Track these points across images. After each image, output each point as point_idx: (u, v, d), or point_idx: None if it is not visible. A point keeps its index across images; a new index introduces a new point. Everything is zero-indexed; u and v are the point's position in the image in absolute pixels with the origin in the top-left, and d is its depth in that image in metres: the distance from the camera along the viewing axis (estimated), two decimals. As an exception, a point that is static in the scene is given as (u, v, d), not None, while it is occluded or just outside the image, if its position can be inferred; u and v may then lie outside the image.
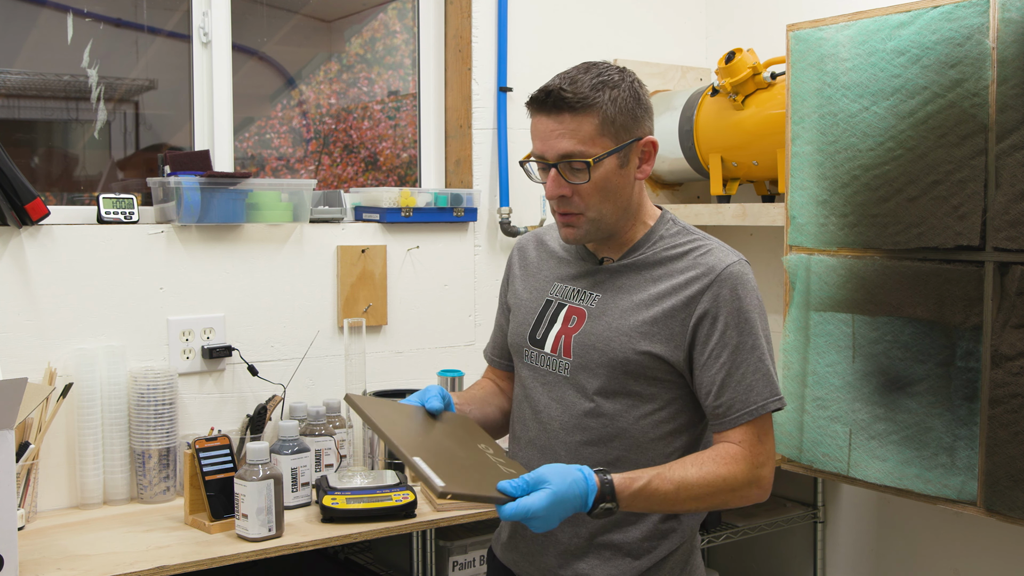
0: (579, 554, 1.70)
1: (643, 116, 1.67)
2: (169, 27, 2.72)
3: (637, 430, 1.67)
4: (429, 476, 1.47)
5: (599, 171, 1.64)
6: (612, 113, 1.62)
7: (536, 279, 1.82)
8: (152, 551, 2.01)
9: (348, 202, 2.81)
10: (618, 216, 1.69)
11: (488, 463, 1.59)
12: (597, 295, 1.71)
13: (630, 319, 1.66)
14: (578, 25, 3.16)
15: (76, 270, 2.36)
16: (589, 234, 1.69)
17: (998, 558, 2.64)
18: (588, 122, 1.62)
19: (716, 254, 1.67)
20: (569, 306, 1.74)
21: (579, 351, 1.69)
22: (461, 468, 1.55)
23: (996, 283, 2.19)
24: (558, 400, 1.72)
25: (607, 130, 1.63)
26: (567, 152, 1.63)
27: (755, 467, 1.62)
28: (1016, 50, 2.14)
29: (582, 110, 1.62)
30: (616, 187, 1.66)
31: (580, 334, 1.70)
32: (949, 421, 2.28)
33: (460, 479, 1.50)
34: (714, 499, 1.61)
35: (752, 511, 2.98)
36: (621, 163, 1.65)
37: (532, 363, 1.77)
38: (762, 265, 3.15)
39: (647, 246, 1.71)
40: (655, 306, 1.65)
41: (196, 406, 2.52)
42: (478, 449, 1.63)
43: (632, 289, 1.69)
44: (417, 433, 1.62)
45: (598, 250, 1.76)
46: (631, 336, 1.65)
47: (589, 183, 1.64)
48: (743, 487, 1.62)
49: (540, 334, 1.76)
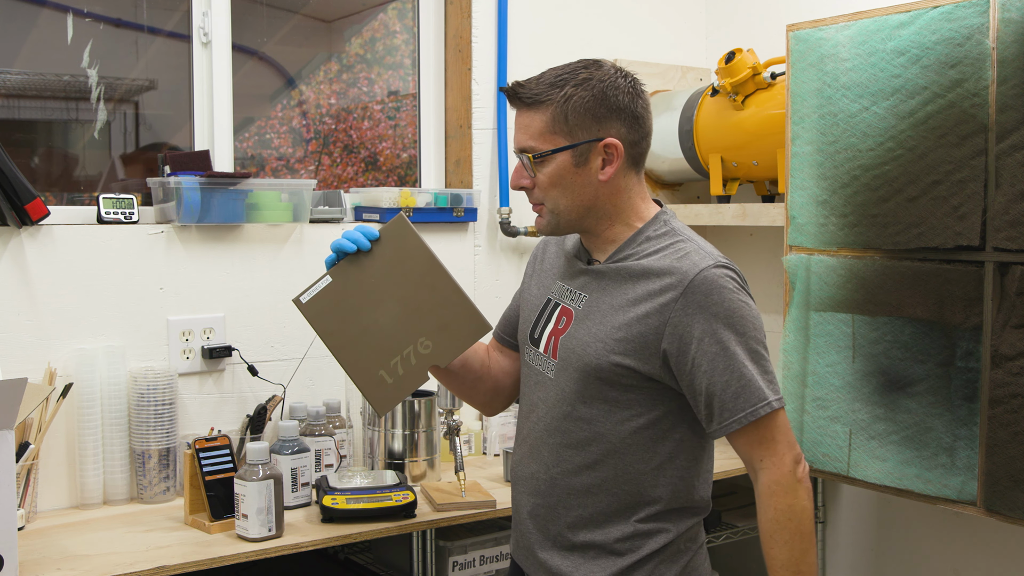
0: (564, 552, 1.72)
1: (608, 117, 1.65)
2: (169, 27, 2.72)
3: (615, 436, 1.67)
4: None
5: (550, 167, 1.65)
6: (565, 111, 1.63)
7: (546, 276, 1.84)
8: (152, 551, 2.01)
9: (348, 202, 2.81)
10: (580, 214, 1.69)
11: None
12: (584, 296, 1.72)
13: (607, 325, 1.66)
14: (578, 25, 3.16)
15: (76, 270, 2.36)
16: (551, 226, 1.71)
17: (998, 558, 2.64)
18: (539, 118, 1.66)
19: (691, 258, 1.64)
20: (562, 306, 1.75)
21: (563, 354, 1.70)
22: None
23: (996, 283, 2.19)
24: (543, 400, 1.74)
25: (558, 127, 1.64)
26: (521, 145, 1.69)
27: (788, 470, 1.62)
28: (1016, 50, 2.14)
29: (533, 106, 1.66)
30: (572, 185, 1.66)
31: (565, 337, 1.71)
32: (949, 421, 2.28)
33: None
34: (805, 540, 1.63)
35: (753, 511, 2.97)
36: (576, 162, 1.65)
37: (530, 361, 1.80)
38: (762, 265, 3.15)
39: (630, 248, 1.70)
40: (630, 311, 1.64)
41: (196, 406, 2.52)
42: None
43: (613, 292, 1.68)
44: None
45: (591, 250, 1.76)
46: (606, 343, 1.64)
47: (542, 176, 1.67)
48: (790, 494, 1.62)
49: (538, 333, 1.78)
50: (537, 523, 1.76)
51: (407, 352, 1.73)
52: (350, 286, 1.75)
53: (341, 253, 1.76)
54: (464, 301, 1.73)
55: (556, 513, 1.73)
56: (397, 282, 1.74)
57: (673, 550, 1.71)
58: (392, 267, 1.74)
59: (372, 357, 1.74)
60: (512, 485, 1.86)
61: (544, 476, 1.74)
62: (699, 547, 1.77)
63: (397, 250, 1.74)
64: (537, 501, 1.75)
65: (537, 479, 1.75)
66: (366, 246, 1.74)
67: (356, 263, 1.75)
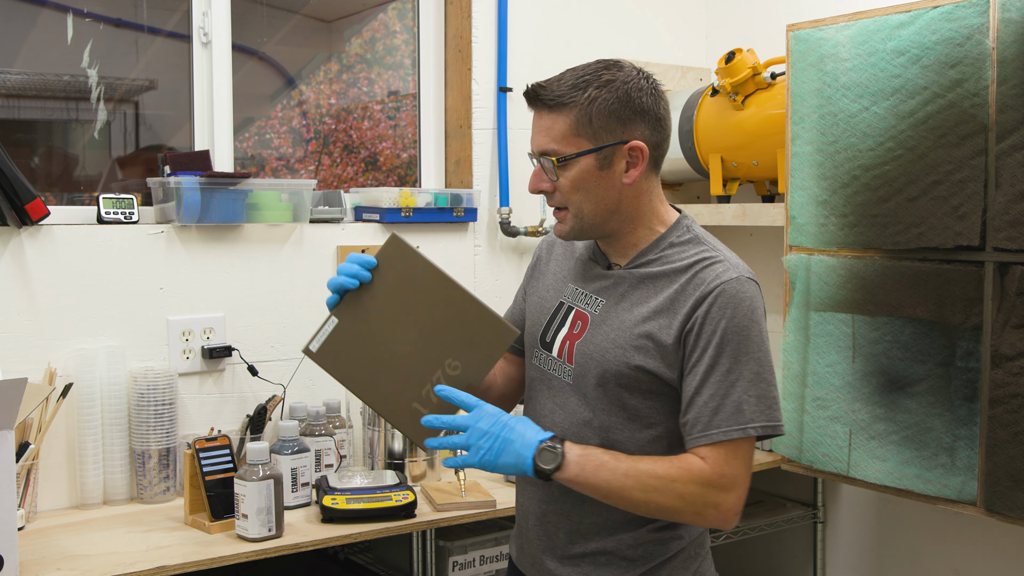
0: (574, 559, 1.69)
1: (632, 119, 1.62)
2: (169, 27, 2.72)
3: (633, 444, 1.64)
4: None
5: (573, 170, 1.62)
6: (589, 113, 1.59)
7: (555, 278, 1.80)
8: (152, 551, 2.01)
9: (348, 202, 2.81)
10: (604, 217, 1.65)
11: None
12: (601, 301, 1.69)
13: (627, 331, 1.63)
14: (578, 25, 3.16)
15: (76, 270, 2.36)
16: (575, 231, 1.67)
17: (998, 558, 2.64)
18: (562, 121, 1.61)
19: (716, 269, 1.61)
20: (576, 310, 1.71)
21: (579, 359, 1.67)
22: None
23: (996, 283, 2.19)
24: (561, 406, 1.70)
25: (582, 130, 1.60)
26: (542, 149, 1.63)
27: (716, 489, 1.55)
28: (1016, 50, 2.14)
29: (556, 108, 1.61)
30: (595, 188, 1.63)
31: (582, 342, 1.67)
32: (949, 421, 2.28)
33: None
34: (662, 497, 1.55)
35: (752, 511, 2.98)
36: (600, 165, 1.62)
37: (540, 365, 1.75)
38: (762, 265, 3.15)
39: (654, 254, 1.67)
40: (652, 320, 1.61)
41: (196, 406, 2.52)
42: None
43: (633, 298, 1.65)
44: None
45: (609, 254, 1.73)
46: (626, 349, 1.62)
47: (564, 180, 1.62)
48: (697, 502, 1.55)
49: (550, 336, 1.74)
50: (546, 529, 1.72)
51: (436, 377, 1.62)
52: (359, 322, 1.63)
53: (342, 291, 1.65)
54: (483, 311, 1.63)
55: (568, 520, 1.69)
56: (408, 306, 1.63)
57: (684, 557, 1.69)
58: (398, 291, 1.63)
59: (400, 391, 1.63)
60: (518, 490, 1.81)
61: (556, 483, 1.68)
62: (706, 552, 1.76)
63: (399, 272, 1.64)
64: (548, 507, 1.71)
65: (549, 485, 1.70)
66: (366, 277, 1.63)
67: (359, 297, 1.63)
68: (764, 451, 2.83)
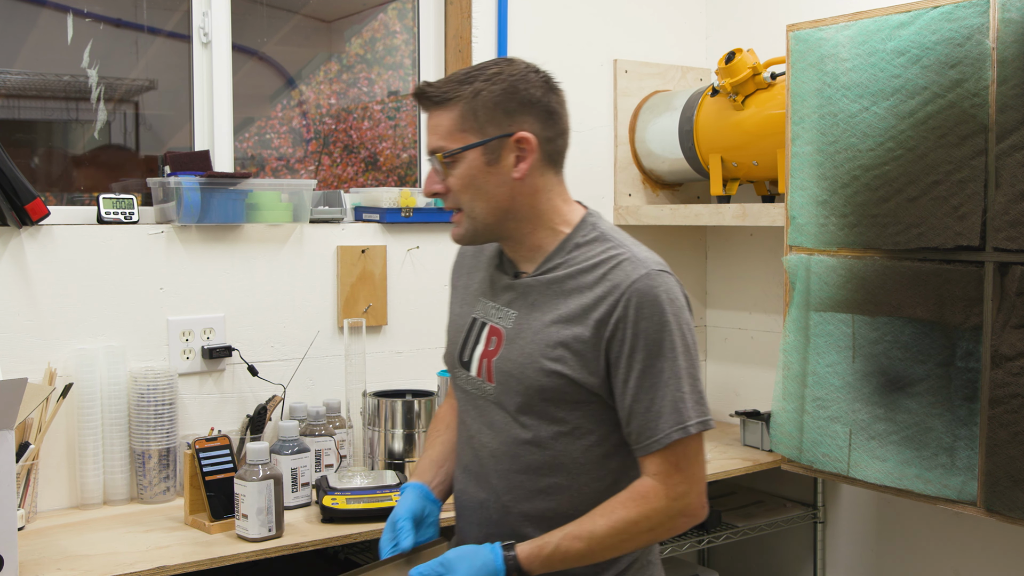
0: None
1: (519, 111, 1.58)
2: (169, 27, 2.72)
3: (567, 456, 1.61)
4: None
5: (462, 167, 1.58)
6: (474, 107, 1.56)
7: (467, 292, 1.76)
8: (152, 551, 2.01)
9: (348, 202, 2.81)
10: (498, 217, 1.61)
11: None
12: (513, 313, 1.64)
13: (541, 342, 1.59)
14: (578, 25, 3.16)
15: (76, 270, 2.36)
16: (469, 233, 1.63)
17: (998, 558, 2.64)
18: (447, 116, 1.58)
19: (625, 268, 1.56)
20: (490, 325, 1.67)
21: (500, 377, 1.63)
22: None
23: (996, 283, 2.19)
24: (488, 425, 1.66)
25: (468, 124, 1.57)
26: (432, 147, 1.61)
27: (674, 499, 1.54)
28: (1016, 50, 2.14)
29: (442, 104, 1.59)
30: (485, 184, 1.59)
31: (498, 359, 1.63)
32: (949, 421, 2.28)
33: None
34: (634, 542, 1.56)
35: (752, 511, 2.98)
36: (488, 160, 1.58)
37: (463, 385, 1.71)
38: (762, 265, 3.15)
39: (560, 257, 1.62)
40: (566, 328, 1.57)
41: (196, 406, 2.52)
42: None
43: (544, 307, 1.61)
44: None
45: (516, 261, 1.68)
46: (542, 361, 1.58)
47: (454, 179, 1.59)
48: (665, 521, 1.55)
49: (467, 355, 1.70)
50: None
51: None
52: None
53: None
54: None
55: (516, 538, 1.62)
56: None
57: (637, 568, 1.67)
58: None
59: None
60: (457, 516, 1.76)
61: (495, 504, 1.66)
62: (657, 558, 1.73)
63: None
64: (489, 531, 1.67)
65: (487, 508, 1.67)
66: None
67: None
68: (764, 451, 2.83)
